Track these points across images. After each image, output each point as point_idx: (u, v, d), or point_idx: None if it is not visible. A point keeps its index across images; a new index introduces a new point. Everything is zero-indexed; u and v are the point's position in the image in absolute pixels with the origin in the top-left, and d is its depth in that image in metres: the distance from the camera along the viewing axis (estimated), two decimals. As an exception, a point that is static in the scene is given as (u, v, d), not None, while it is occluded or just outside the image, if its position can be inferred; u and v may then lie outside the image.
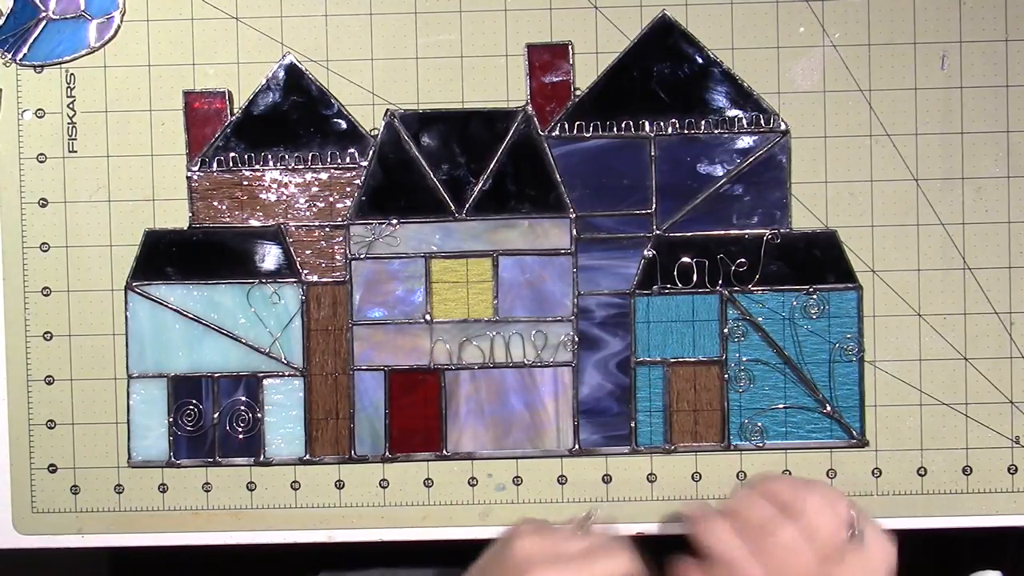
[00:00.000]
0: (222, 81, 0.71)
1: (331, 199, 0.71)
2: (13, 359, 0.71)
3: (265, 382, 0.71)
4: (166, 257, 0.71)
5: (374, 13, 0.71)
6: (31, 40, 0.70)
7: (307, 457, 0.71)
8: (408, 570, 0.77)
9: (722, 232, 0.71)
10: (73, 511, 0.72)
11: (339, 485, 0.71)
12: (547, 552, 0.61)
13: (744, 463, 0.71)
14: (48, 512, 0.72)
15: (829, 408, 0.71)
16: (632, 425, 0.71)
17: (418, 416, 0.71)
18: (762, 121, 0.70)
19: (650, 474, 0.71)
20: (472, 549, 0.74)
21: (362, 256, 0.71)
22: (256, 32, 0.70)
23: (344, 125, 0.71)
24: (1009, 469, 0.71)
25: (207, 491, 0.71)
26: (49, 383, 0.71)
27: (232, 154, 0.71)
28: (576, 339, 0.71)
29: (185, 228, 0.71)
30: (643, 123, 0.70)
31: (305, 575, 0.77)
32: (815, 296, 0.71)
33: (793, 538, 0.59)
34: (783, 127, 0.70)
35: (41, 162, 0.71)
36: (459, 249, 0.71)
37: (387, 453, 0.71)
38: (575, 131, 0.71)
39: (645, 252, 0.71)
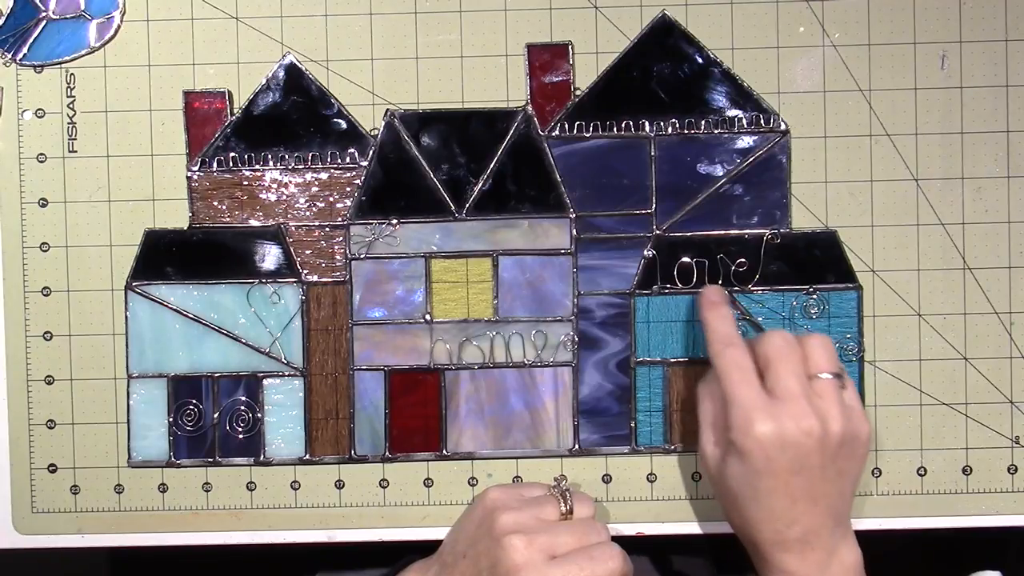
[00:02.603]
0: (222, 81, 0.71)
1: (331, 199, 0.71)
2: (13, 359, 0.71)
3: (265, 382, 0.71)
4: (166, 257, 0.71)
5: (374, 13, 0.71)
6: (31, 40, 0.70)
7: (307, 457, 0.71)
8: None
9: (722, 232, 0.71)
10: (73, 511, 0.72)
11: (339, 485, 0.71)
12: (543, 549, 0.61)
13: (744, 463, 0.71)
14: (48, 512, 0.72)
15: (829, 408, 0.71)
16: (632, 425, 0.71)
17: (418, 416, 0.71)
18: (762, 121, 0.70)
19: (650, 474, 0.71)
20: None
21: (362, 256, 0.71)
22: (256, 32, 0.70)
23: (344, 125, 0.71)
24: (1009, 469, 0.71)
25: (207, 491, 0.71)
26: (49, 383, 0.71)
27: (232, 154, 0.71)
28: (576, 339, 0.71)
29: (185, 228, 0.71)
30: (643, 123, 0.70)
31: None
32: (815, 296, 0.71)
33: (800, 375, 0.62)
34: (783, 127, 0.70)
35: (41, 162, 0.71)
36: (459, 249, 0.71)
37: (387, 453, 0.71)
38: (575, 131, 0.71)
39: (645, 252, 0.71)
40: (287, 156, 0.71)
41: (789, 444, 0.60)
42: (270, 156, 0.71)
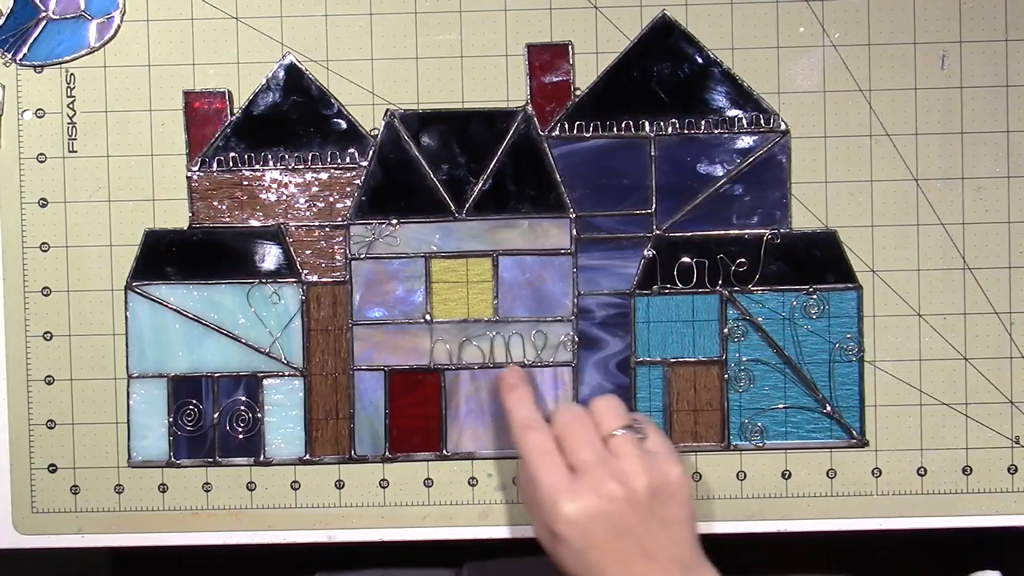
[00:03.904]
0: (222, 81, 0.71)
1: (331, 199, 0.71)
2: (13, 359, 0.71)
3: (265, 382, 0.71)
4: (166, 257, 0.71)
5: (374, 13, 0.71)
6: (31, 40, 0.70)
7: (307, 457, 0.71)
8: (404, 570, 0.77)
9: (722, 232, 0.71)
10: (73, 511, 0.72)
11: (339, 485, 0.71)
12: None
13: (744, 463, 0.71)
14: (48, 512, 0.72)
15: (829, 408, 0.71)
16: (632, 425, 0.71)
17: (418, 416, 0.71)
18: (762, 121, 0.70)
19: (650, 474, 0.71)
20: (472, 549, 0.74)
21: (362, 256, 0.71)
22: (256, 32, 0.70)
23: (344, 125, 0.71)
24: (1009, 469, 0.71)
25: (207, 491, 0.71)
26: (49, 383, 0.71)
27: (232, 154, 0.71)
28: (576, 339, 0.71)
29: (185, 228, 0.71)
30: (643, 123, 0.70)
31: None
32: (815, 296, 0.71)
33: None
34: (783, 127, 0.70)
35: (41, 162, 0.71)
36: (459, 249, 0.71)
37: (387, 453, 0.71)
38: (575, 131, 0.71)
39: (645, 252, 0.71)
40: (287, 156, 0.71)
41: (598, 515, 0.59)
42: (270, 156, 0.71)
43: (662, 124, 0.70)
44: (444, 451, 0.71)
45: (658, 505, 0.60)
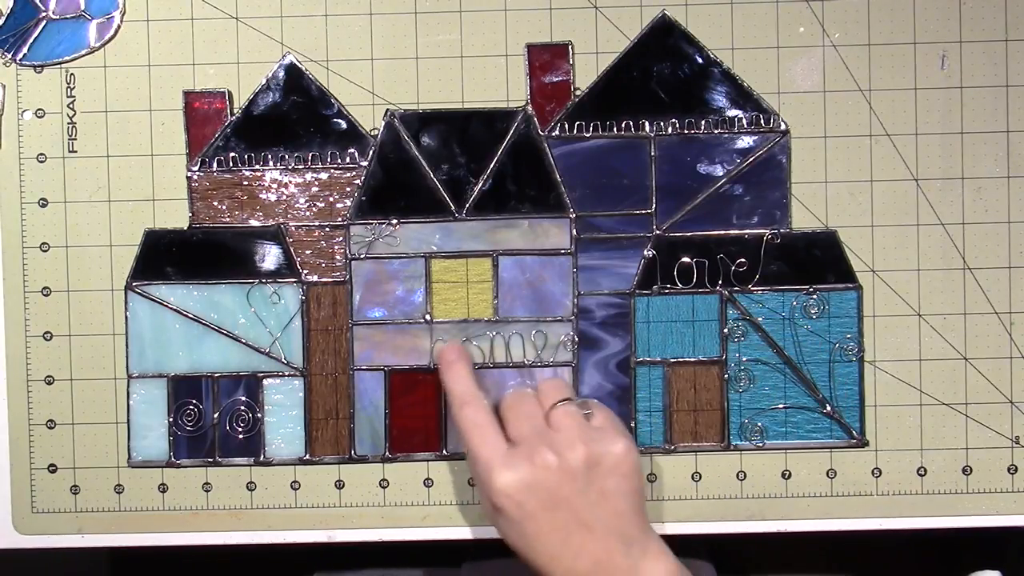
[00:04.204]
0: (222, 81, 0.71)
1: (331, 199, 0.71)
2: (13, 359, 0.71)
3: (265, 382, 0.71)
4: (166, 257, 0.71)
5: (374, 13, 0.71)
6: (31, 40, 0.70)
7: (307, 457, 0.71)
8: (403, 570, 0.77)
9: (722, 232, 0.71)
10: (73, 511, 0.72)
11: (339, 485, 0.71)
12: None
13: (744, 463, 0.71)
14: (48, 512, 0.72)
15: (829, 408, 0.71)
16: (632, 425, 0.71)
17: (418, 416, 0.71)
18: (762, 121, 0.70)
19: (650, 474, 0.71)
20: (472, 549, 0.74)
21: (362, 256, 0.71)
22: (256, 32, 0.70)
23: (344, 125, 0.71)
24: (1009, 469, 0.71)
25: (207, 491, 0.71)
26: (49, 383, 0.71)
27: (232, 154, 0.71)
28: (576, 339, 0.71)
29: (185, 228, 0.71)
30: (643, 123, 0.70)
31: None
32: (815, 296, 0.71)
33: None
34: (783, 127, 0.70)
35: (41, 162, 0.71)
36: (459, 249, 0.71)
37: (387, 453, 0.71)
38: (575, 131, 0.71)
39: (645, 252, 0.71)
40: (287, 156, 0.71)
41: (533, 485, 0.59)
42: (270, 156, 0.71)
43: (662, 124, 0.70)
44: (444, 451, 0.71)
45: (597, 476, 0.60)
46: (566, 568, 0.59)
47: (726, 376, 0.71)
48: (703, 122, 0.70)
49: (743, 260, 0.71)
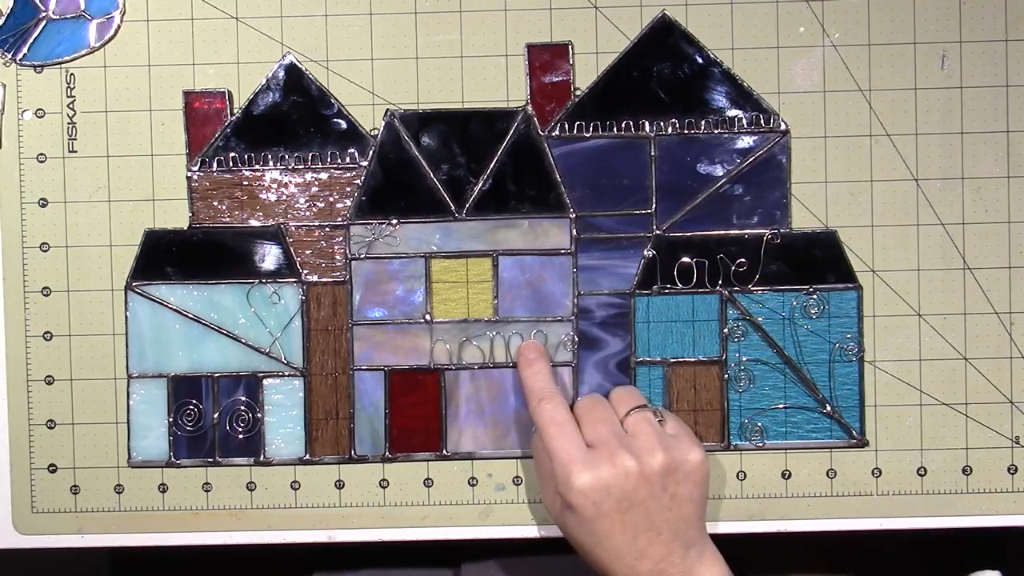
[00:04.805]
0: (222, 81, 0.71)
1: (331, 199, 0.71)
2: (13, 359, 0.71)
3: (265, 382, 0.71)
4: (166, 257, 0.71)
5: (374, 13, 0.71)
6: (31, 40, 0.70)
7: (307, 457, 0.71)
8: (403, 570, 0.77)
9: (722, 232, 0.71)
10: (73, 511, 0.72)
11: (339, 485, 0.71)
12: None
13: (744, 463, 0.71)
14: (48, 512, 0.72)
15: (829, 408, 0.71)
16: (632, 425, 0.71)
17: (418, 416, 0.71)
18: (762, 121, 0.70)
19: (650, 474, 0.71)
20: (472, 549, 0.74)
21: (362, 256, 0.71)
22: (256, 32, 0.70)
23: (344, 125, 0.71)
24: (1009, 469, 0.71)
25: (207, 491, 0.71)
26: (49, 383, 0.71)
27: (232, 154, 0.71)
28: (576, 339, 0.71)
29: (185, 228, 0.71)
30: (643, 123, 0.70)
31: (302, 576, 0.78)
32: (815, 296, 0.71)
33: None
34: (783, 127, 0.70)
35: (41, 162, 0.71)
36: (459, 249, 0.71)
37: (387, 453, 0.71)
38: (575, 131, 0.71)
39: (645, 252, 0.71)
40: (287, 156, 0.71)
41: (611, 486, 0.61)
42: (270, 156, 0.71)
43: (662, 124, 0.70)
44: (444, 451, 0.71)
45: (671, 482, 0.62)
46: (627, 566, 0.61)
47: (726, 376, 0.71)
48: (703, 122, 0.70)
49: (743, 260, 0.71)
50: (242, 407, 0.71)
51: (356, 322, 0.71)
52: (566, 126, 0.71)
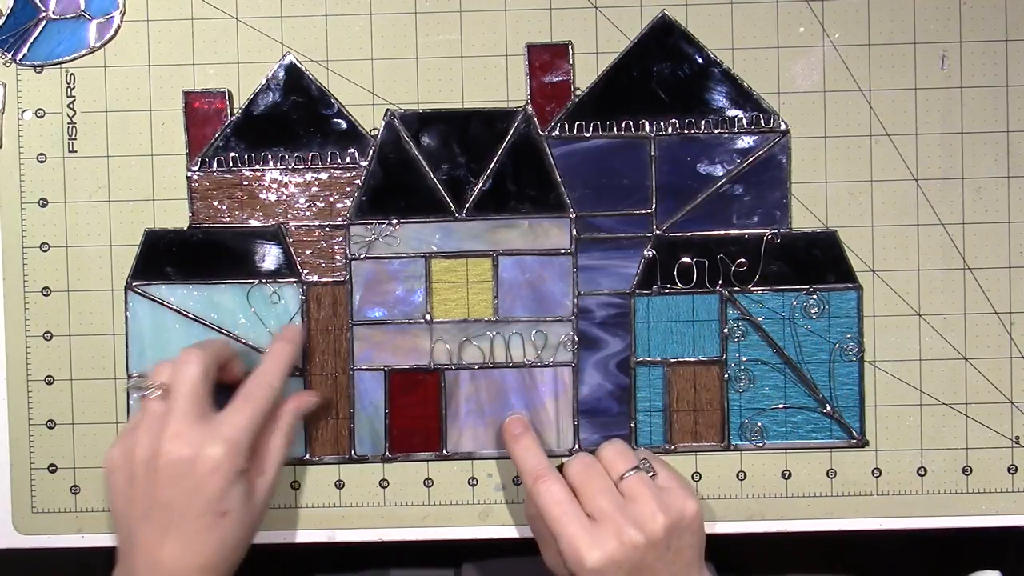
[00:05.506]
0: (222, 81, 0.71)
1: (331, 199, 0.71)
2: (13, 359, 0.71)
3: (265, 382, 0.71)
4: (166, 257, 0.71)
5: (374, 13, 0.71)
6: (31, 40, 0.70)
7: (307, 457, 0.71)
8: (403, 571, 0.77)
9: (722, 232, 0.71)
10: (73, 511, 0.72)
11: (339, 485, 0.71)
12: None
13: (744, 463, 0.71)
14: (48, 512, 0.72)
15: (829, 408, 0.71)
16: (632, 425, 0.71)
17: (418, 416, 0.71)
18: (762, 121, 0.70)
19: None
20: (472, 549, 0.74)
21: (362, 256, 0.71)
22: (256, 32, 0.71)
23: (344, 125, 0.71)
24: (1009, 469, 0.71)
25: (207, 491, 0.71)
26: (49, 383, 0.71)
27: (232, 154, 0.71)
28: (576, 339, 0.71)
29: (185, 228, 0.71)
30: (643, 123, 0.70)
31: None
32: (815, 296, 0.71)
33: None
34: (783, 127, 0.70)
35: (41, 162, 0.71)
36: (459, 249, 0.71)
37: (387, 453, 0.71)
38: (575, 131, 0.71)
39: (645, 252, 0.71)
40: (287, 156, 0.71)
41: (621, 561, 0.62)
42: (270, 156, 0.71)
43: (662, 124, 0.70)
44: (444, 451, 0.71)
45: (674, 538, 0.63)
46: None
47: (726, 376, 0.71)
48: (703, 122, 0.70)
49: (743, 260, 0.71)
50: (242, 407, 0.71)
51: (356, 322, 0.71)
52: (566, 126, 0.71)
